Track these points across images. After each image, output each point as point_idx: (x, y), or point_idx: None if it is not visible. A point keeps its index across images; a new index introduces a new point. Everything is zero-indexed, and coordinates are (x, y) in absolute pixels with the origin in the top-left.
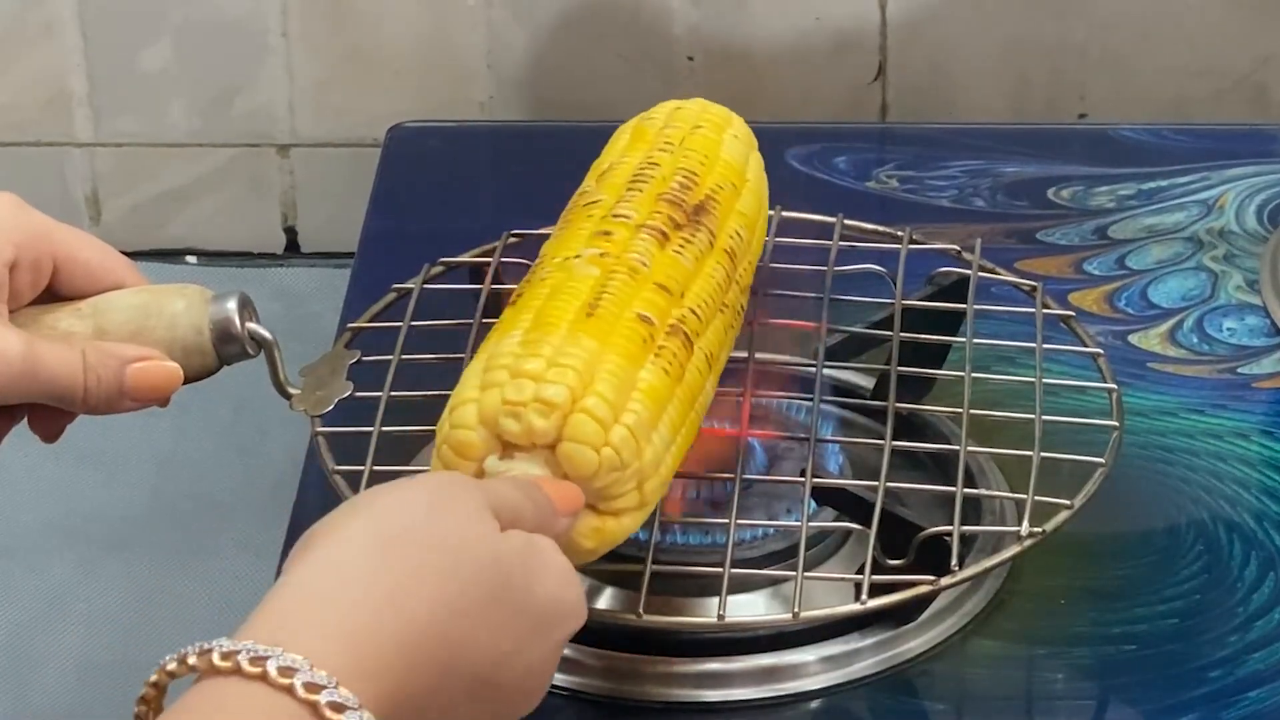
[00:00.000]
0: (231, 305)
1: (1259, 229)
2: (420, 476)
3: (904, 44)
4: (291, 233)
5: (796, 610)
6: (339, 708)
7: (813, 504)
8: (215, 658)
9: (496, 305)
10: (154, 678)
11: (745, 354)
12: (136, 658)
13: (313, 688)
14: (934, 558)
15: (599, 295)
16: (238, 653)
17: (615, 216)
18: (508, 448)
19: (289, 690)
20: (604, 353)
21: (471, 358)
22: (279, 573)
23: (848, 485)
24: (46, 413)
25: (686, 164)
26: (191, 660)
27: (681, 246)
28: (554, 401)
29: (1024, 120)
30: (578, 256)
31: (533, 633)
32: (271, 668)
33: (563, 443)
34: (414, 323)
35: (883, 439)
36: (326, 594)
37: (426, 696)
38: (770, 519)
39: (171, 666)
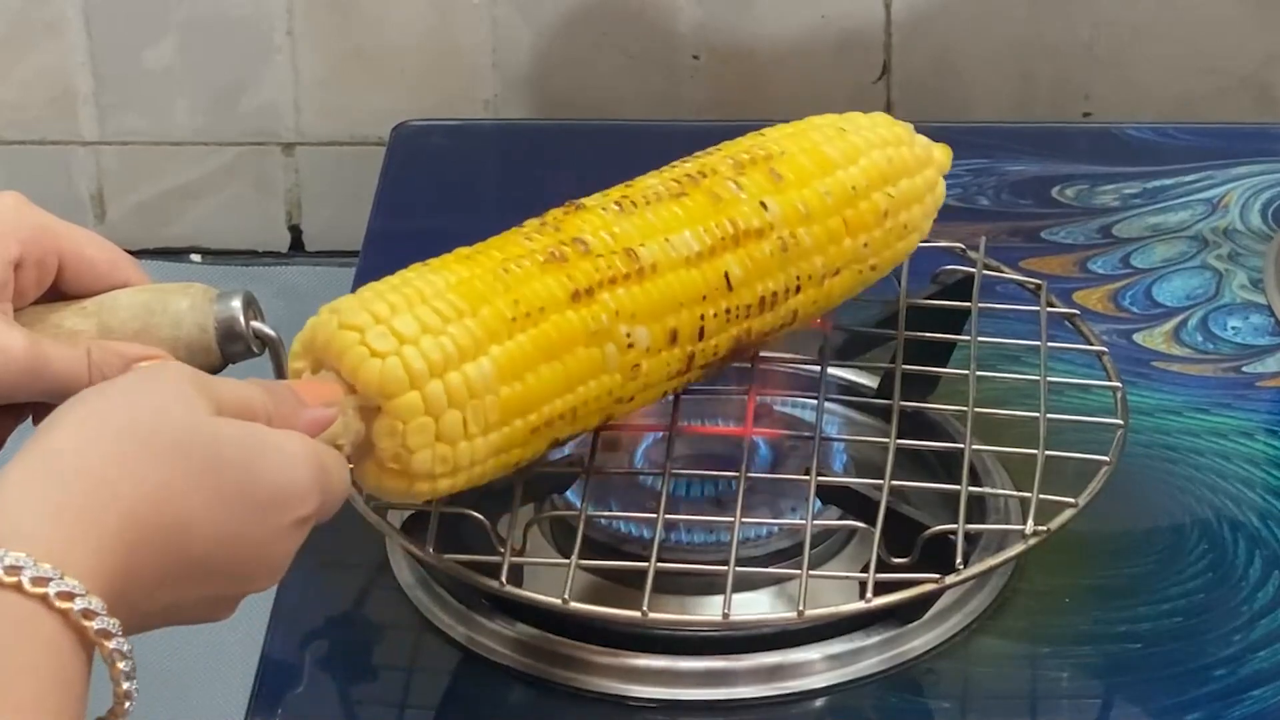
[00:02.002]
0: (236, 304)
1: (1263, 228)
2: (136, 369)
3: (908, 42)
4: (296, 231)
5: (802, 609)
6: (68, 596)
7: (817, 502)
8: None
9: None
10: None
11: (750, 354)
12: (142, 654)
13: (40, 581)
14: (939, 556)
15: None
16: None
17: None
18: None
19: (18, 588)
20: (446, 293)
21: None
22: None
23: (853, 483)
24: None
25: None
26: None
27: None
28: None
29: (1028, 119)
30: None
31: (257, 514)
32: None
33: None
34: None
35: (887, 437)
36: (40, 485)
37: (152, 578)
38: (775, 517)
39: None
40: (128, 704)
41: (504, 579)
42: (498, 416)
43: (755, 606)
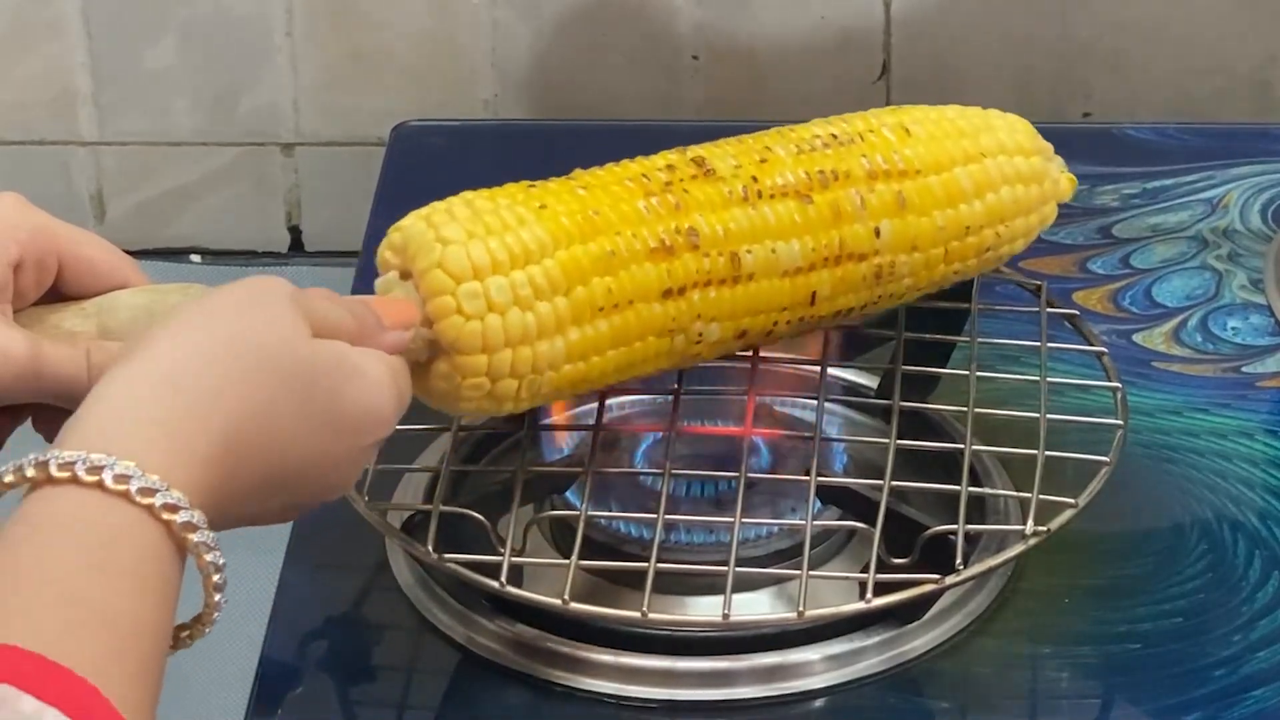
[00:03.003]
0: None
1: (1263, 228)
2: (234, 283)
3: (908, 42)
4: (296, 231)
5: (802, 609)
6: (172, 508)
7: (817, 503)
8: (53, 469)
9: None
10: None
11: (749, 353)
12: None
13: (147, 492)
14: (938, 556)
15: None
16: (74, 464)
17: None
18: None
19: (125, 496)
20: (534, 225)
21: None
22: (281, 571)
23: (852, 484)
24: (51, 413)
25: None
26: (29, 472)
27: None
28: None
29: (1028, 119)
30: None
31: (341, 436)
32: (107, 477)
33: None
34: None
35: (887, 438)
36: (148, 396)
37: (245, 491)
38: (775, 518)
39: (9, 479)
40: (216, 614)
41: (504, 579)
42: (551, 389)
43: (755, 607)
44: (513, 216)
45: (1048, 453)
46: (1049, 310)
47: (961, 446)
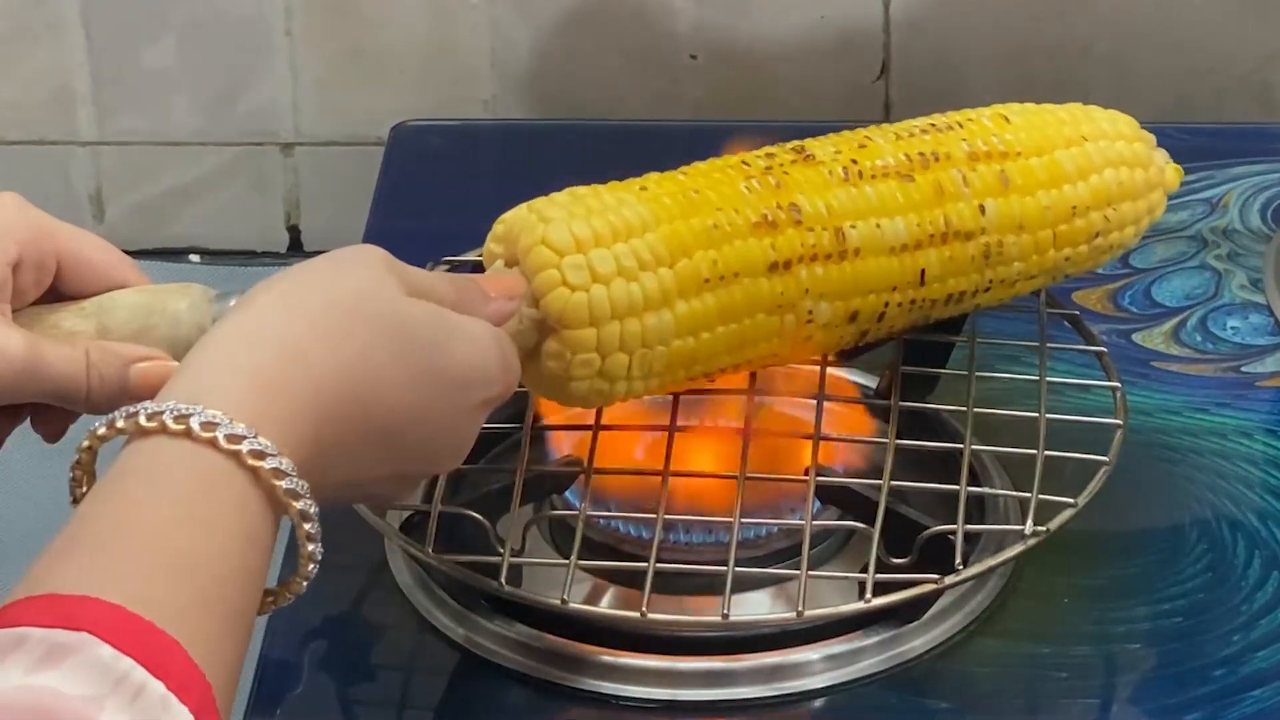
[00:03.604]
0: (235, 305)
1: (1262, 227)
2: (337, 251)
3: (907, 42)
4: (295, 231)
5: (801, 609)
6: (260, 455)
7: (816, 503)
8: (142, 419)
9: None
10: (85, 443)
11: None
12: None
13: (234, 439)
14: (938, 556)
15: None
16: (162, 413)
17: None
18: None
19: (213, 444)
20: (636, 207)
21: None
22: (281, 571)
23: (852, 484)
24: (49, 413)
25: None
26: (120, 424)
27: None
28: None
29: None
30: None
31: (443, 393)
32: (195, 424)
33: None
34: None
35: (886, 438)
36: (239, 349)
37: (338, 446)
38: (774, 518)
39: (101, 431)
40: (311, 566)
41: (503, 580)
42: (663, 366)
43: (754, 607)
44: (614, 198)
45: (1047, 452)
46: (1048, 310)
47: (961, 446)
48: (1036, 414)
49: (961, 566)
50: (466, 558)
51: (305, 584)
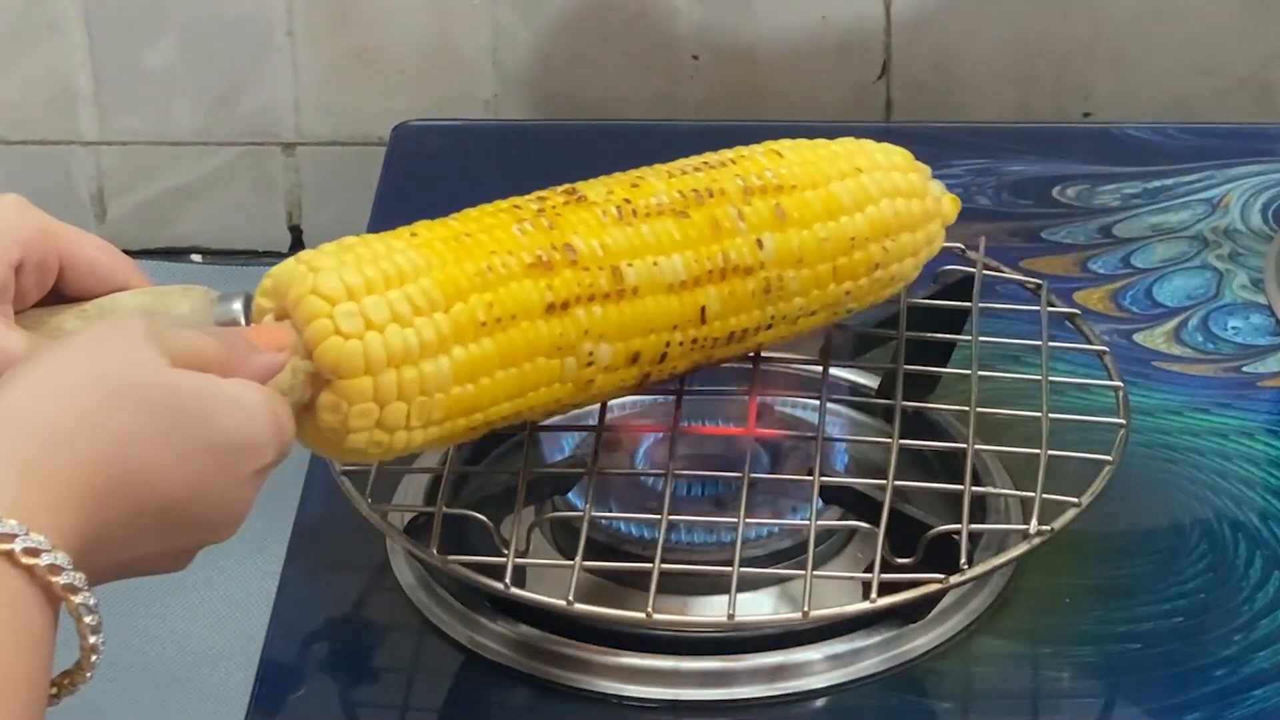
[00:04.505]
0: (237, 306)
1: (1264, 227)
2: (92, 329)
3: (908, 43)
4: (297, 231)
5: (807, 609)
6: (34, 552)
7: (820, 502)
8: None
9: None
10: None
11: (751, 354)
12: (143, 654)
13: (5, 538)
14: (941, 556)
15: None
16: None
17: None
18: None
19: None
20: (406, 252)
21: None
22: (282, 572)
23: (856, 484)
24: None
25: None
26: None
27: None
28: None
29: (1029, 119)
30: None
31: (216, 466)
32: None
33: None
34: None
35: (889, 438)
36: (4, 443)
37: (117, 531)
38: (778, 518)
39: None
40: (94, 657)
41: (508, 581)
42: (442, 414)
43: (758, 607)
44: (384, 246)
45: (1051, 452)
46: (1050, 310)
47: (964, 446)
48: (1039, 414)
49: (966, 566)
50: (471, 559)
51: (90, 674)
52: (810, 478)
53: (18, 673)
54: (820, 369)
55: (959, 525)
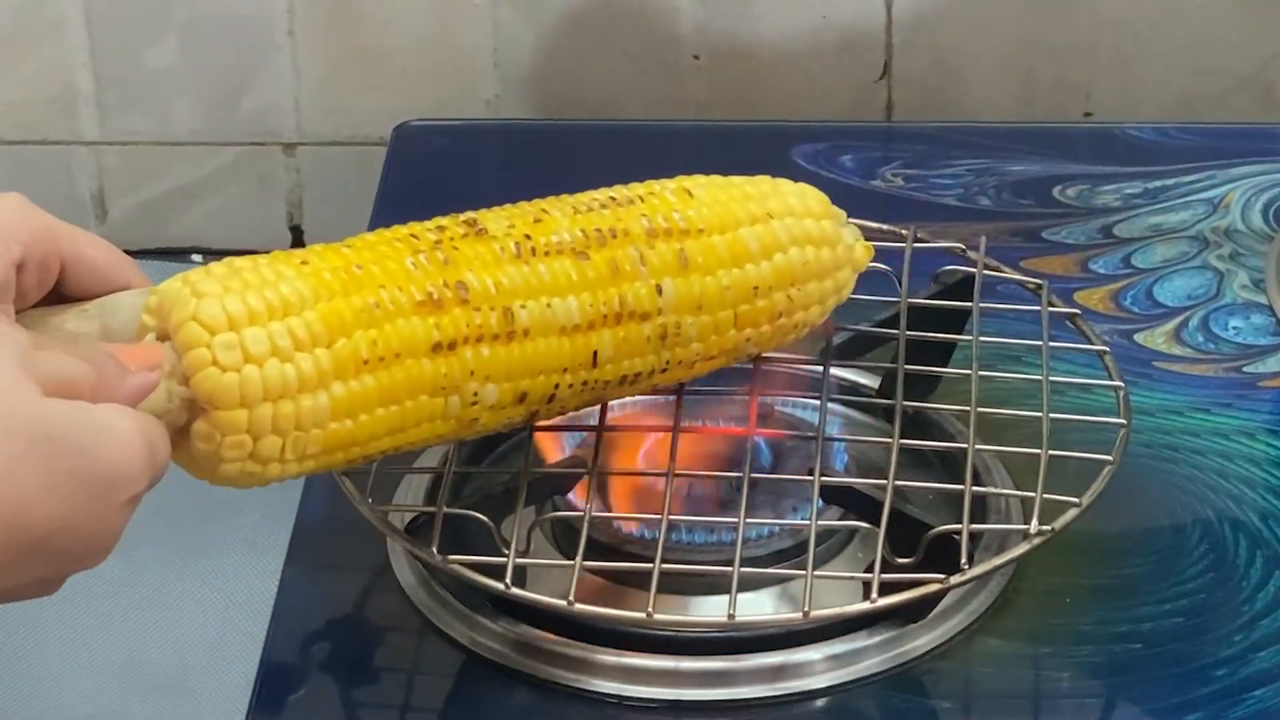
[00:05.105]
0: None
1: (1264, 228)
2: None
3: (909, 42)
4: (297, 231)
5: (807, 609)
6: None
7: (820, 502)
8: None
9: None
10: None
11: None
12: (143, 655)
13: None
14: (941, 556)
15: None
16: None
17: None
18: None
19: None
20: (295, 281)
21: None
22: (282, 572)
23: (856, 484)
24: None
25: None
26: None
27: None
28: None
29: (1029, 119)
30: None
31: (91, 495)
32: None
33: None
34: None
35: (889, 438)
36: None
37: None
38: (778, 518)
39: None
40: None
41: (509, 581)
42: (319, 448)
43: (758, 606)
44: (272, 273)
45: (1051, 452)
46: (1050, 310)
47: (964, 446)
48: (1039, 414)
49: (967, 566)
50: (472, 559)
51: None
52: (811, 478)
53: None
54: (820, 369)
55: (959, 525)
